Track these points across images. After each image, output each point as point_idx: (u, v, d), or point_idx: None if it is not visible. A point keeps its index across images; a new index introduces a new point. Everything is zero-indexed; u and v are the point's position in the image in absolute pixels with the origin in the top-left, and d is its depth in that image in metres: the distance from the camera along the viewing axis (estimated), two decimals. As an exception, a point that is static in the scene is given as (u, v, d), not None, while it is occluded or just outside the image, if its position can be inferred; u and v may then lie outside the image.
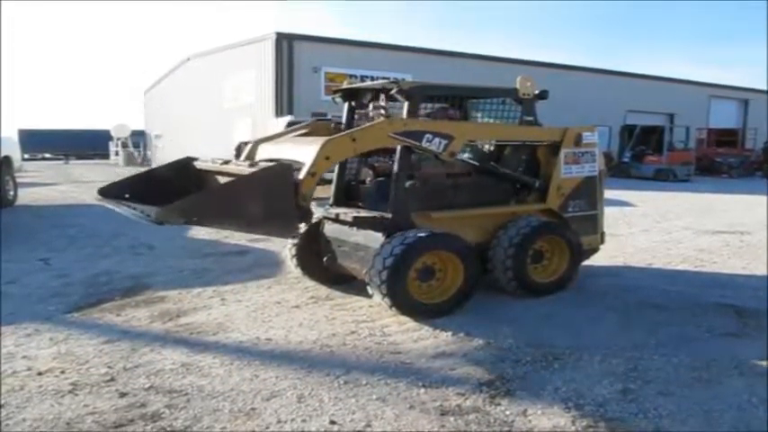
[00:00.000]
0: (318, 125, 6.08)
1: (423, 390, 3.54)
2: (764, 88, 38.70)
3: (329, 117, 17.04)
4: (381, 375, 3.74)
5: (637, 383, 3.67)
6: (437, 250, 4.96)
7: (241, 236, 8.75)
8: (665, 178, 22.16)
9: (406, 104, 5.24)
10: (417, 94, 5.30)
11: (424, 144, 5.10)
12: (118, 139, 36.86)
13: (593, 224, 6.14)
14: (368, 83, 5.94)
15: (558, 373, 3.82)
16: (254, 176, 4.20)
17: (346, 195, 5.98)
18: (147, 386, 3.56)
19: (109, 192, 5.12)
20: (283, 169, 4.31)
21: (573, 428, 3.10)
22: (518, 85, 5.63)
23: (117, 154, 36.60)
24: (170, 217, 3.93)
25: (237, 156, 13.71)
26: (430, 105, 6.10)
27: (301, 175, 4.50)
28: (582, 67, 29.26)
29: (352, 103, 6.06)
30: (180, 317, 4.93)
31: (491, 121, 6.09)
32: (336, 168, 5.97)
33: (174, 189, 5.03)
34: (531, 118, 5.74)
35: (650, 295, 5.68)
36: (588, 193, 6.05)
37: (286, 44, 22.36)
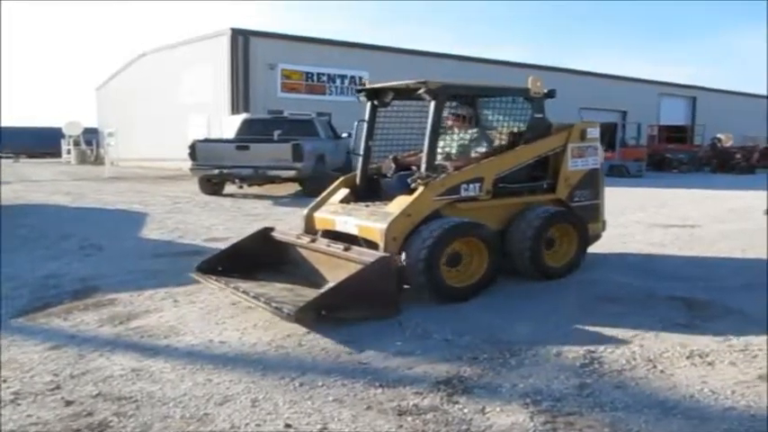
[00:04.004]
0: (348, 178, 6.55)
1: (380, 390, 3.50)
2: (711, 86, 39.86)
3: (285, 115, 16.97)
4: (338, 376, 3.68)
5: (593, 377, 3.68)
6: (467, 237, 5.33)
7: (196, 235, 8.61)
8: (618, 174, 22.58)
9: (432, 104, 5.57)
10: (443, 94, 5.64)
11: (463, 194, 5.60)
12: (70, 137, 35.88)
13: (596, 213, 6.64)
14: (393, 82, 6.16)
15: (515, 369, 3.81)
16: (371, 268, 4.65)
17: (368, 189, 6.36)
18: (94, 394, 3.43)
19: (205, 268, 5.65)
20: (391, 258, 4.84)
21: (531, 424, 3.09)
22: (530, 85, 6.08)
23: (69, 152, 35.64)
24: (306, 315, 4.37)
25: (192, 156, 13.58)
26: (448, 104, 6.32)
27: None
28: (535, 65, 29.61)
29: (375, 102, 6.37)
30: (130, 320, 4.79)
31: (500, 118, 6.42)
32: (360, 164, 6.48)
33: (257, 260, 5.78)
34: (540, 115, 6.18)
35: (606, 288, 5.74)
36: (592, 183, 6.54)
37: (242, 40, 22.14)
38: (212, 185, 14.33)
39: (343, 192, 6.30)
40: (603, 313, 4.98)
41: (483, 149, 6.16)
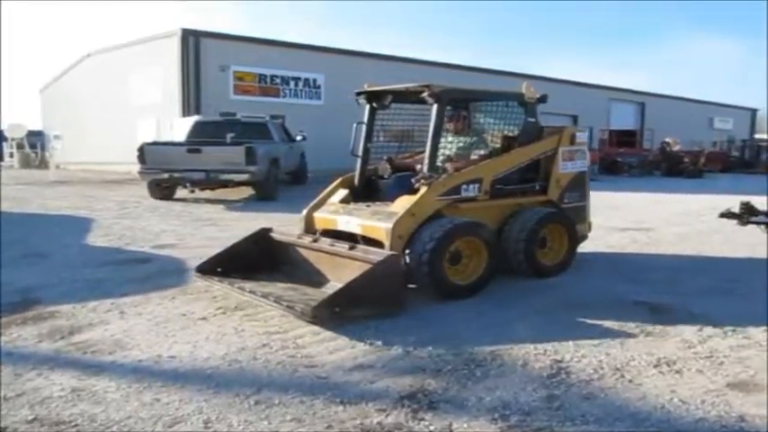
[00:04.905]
0: (345, 178, 6.56)
1: (341, 407, 3.30)
2: (659, 92, 40.81)
3: (238, 117, 16.59)
4: (296, 392, 3.47)
5: (561, 388, 3.56)
6: (469, 237, 5.49)
7: (144, 242, 8.27)
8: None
9: (435, 107, 5.72)
10: (445, 97, 5.82)
11: (463, 194, 5.78)
12: (12, 139, 34.59)
13: (584, 214, 6.91)
14: (395, 86, 6.27)
15: (481, 381, 3.67)
16: (381, 267, 4.77)
17: (365, 190, 6.47)
18: (30, 418, 3.14)
19: (206, 269, 5.74)
20: (398, 257, 5.03)
21: (500, 442, 2.95)
22: (523, 90, 6.32)
23: (12, 156, 34.35)
24: (322, 313, 4.47)
25: (141, 159, 13.14)
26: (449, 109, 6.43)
27: None
28: (488, 69, 29.75)
29: (374, 105, 6.50)
30: (72, 334, 4.48)
31: (491, 121, 6.73)
32: (358, 164, 6.54)
33: (255, 260, 5.88)
34: (533, 119, 6.42)
35: (570, 293, 5.68)
36: (580, 185, 6.81)
37: (192, 41, 21.60)
38: (162, 190, 13.88)
39: (342, 192, 6.40)
40: (567, 320, 4.88)
41: (481, 152, 6.38)
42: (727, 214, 7.81)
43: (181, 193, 14.13)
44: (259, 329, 4.58)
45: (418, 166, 6.06)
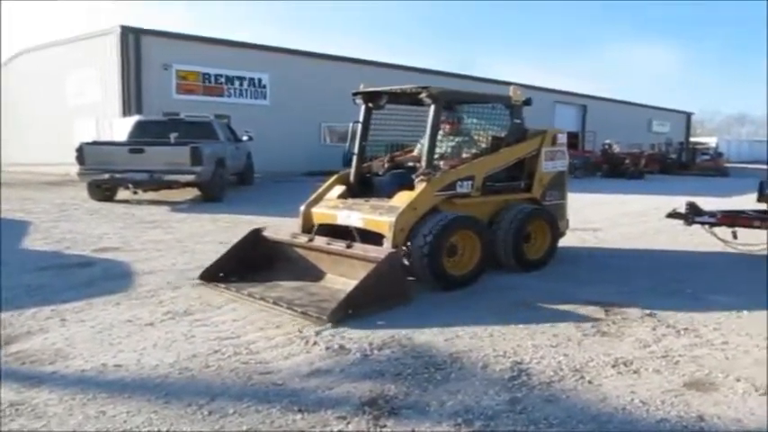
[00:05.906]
0: (342, 175, 6.77)
1: (299, 415, 3.18)
2: (600, 95, 41.80)
3: (182, 117, 16.21)
4: (251, 401, 3.33)
5: (522, 391, 3.52)
6: (466, 230, 5.83)
7: (86, 245, 7.94)
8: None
9: (432, 107, 6.01)
10: (442, 99, 6.11)
11: (458, 190, 6.12)
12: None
13: (563, 211, 7.31)
14: (393, 87, 6.47)
15: (441, 385, 3.60)
16: (385, 265, 4.96)
17: (360, 186, 6.67)
18: (-38, 435, 2.93)
19: (209, 276, 5.80)
20: (399, 253, 5.28)
21: (464, 448, 2.87)
22: (511, 94, 6.71)
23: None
24: (339, 316, 4.61)
25: (79, 160, 12.65)
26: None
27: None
28: (439, 71, 29.90)
29: (370, 105, 6.70)
30: (9, 344, 4.22)
31: (475, 121, 7.10)
32: (354, 162, 6.75)
33: (250, 261, 5.97)
34: (519, 121, 6.80)
35: (525, 294, 5.66)
36: (560, 184, 7.20)
37: (132, 39, 20.99)
38: (103, 191, 13.38)
39: (339, 189, 6.61)
40: (523, 320, 4.85)
41: (472, 151, 6.71)
42: (673, 214, 7.97)
43: (123, 194, 13.68)
44: (210, 335, 4.41)
45: (412, 164, 6.45)
